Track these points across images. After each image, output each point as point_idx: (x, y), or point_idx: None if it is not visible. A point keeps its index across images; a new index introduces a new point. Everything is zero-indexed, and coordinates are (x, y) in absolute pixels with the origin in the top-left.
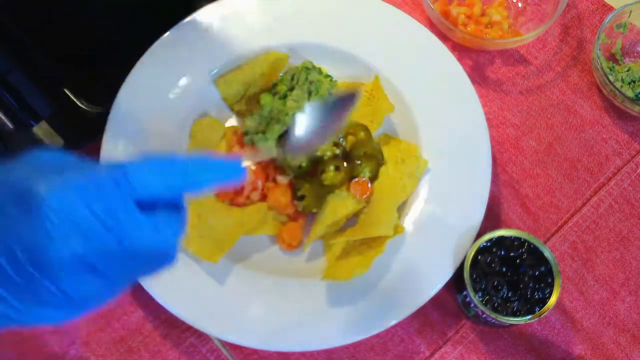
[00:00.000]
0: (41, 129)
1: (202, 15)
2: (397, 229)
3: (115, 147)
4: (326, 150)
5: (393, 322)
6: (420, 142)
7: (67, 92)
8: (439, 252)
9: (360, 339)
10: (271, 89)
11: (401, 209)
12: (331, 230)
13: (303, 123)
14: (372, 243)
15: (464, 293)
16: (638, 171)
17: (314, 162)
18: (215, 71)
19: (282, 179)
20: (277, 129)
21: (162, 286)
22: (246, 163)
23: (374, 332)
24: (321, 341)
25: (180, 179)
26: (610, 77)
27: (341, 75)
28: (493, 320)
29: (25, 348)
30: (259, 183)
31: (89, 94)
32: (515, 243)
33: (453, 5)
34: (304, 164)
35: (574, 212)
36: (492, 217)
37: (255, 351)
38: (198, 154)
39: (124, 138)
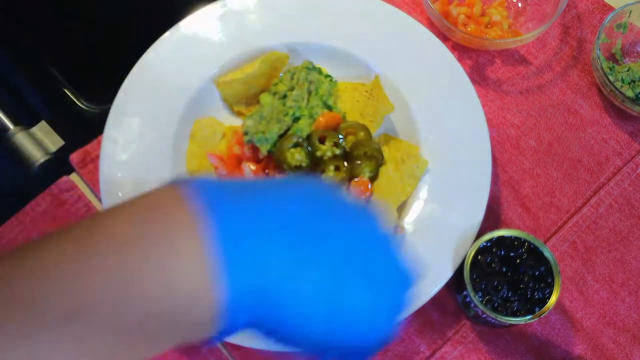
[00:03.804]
0: (41, 129)
1: (202, 15)
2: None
3: (114, 147)
4: (326, 150)
5: None
6: (420, 142)
7: (67, 92)
8: (439, 252)
9: None
10: (271, 89)
11: (401, 209)
12: None
13: None
14: None
15: (464, 293)
16: (638, 171)
17: (314, 162)
18: (215, 71)
19: None
20: (277, 129)
21: None
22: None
23: None
24: None
25: None
26: (610, 77)
27: (341, 75)
28: (493, 320)
29: None
30: None
31: (89, 94)
32: (515, 243)
33: (453, 5)
34: (304, 164)
35: (574, 212)
36: (492, 217)
37: (255, 351)
38: None
39: (124, 138)
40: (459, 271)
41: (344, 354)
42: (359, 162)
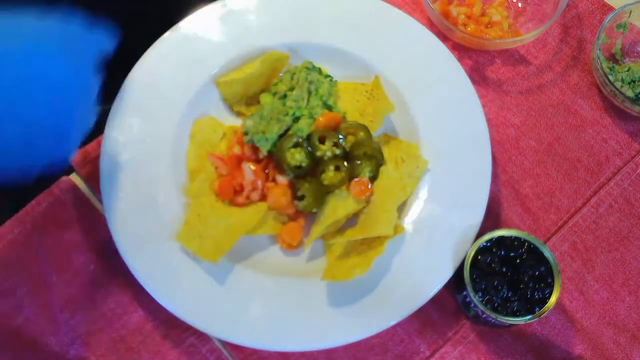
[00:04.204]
0: None
1: (202, 15)
2: (397, 229)
3: (114, 147)
4: (326, 150)
5: (393, 322)
6: (420, 142)
7: None
8: (439, 252)
9: (360, 339)
10: (271, 89)
11: (401, 209)
12: (331, 230)
13: None
14: (372, 243)
15: (464, 293)
16: (638, 171)
17: (314, 162)
18: (215, 71)
19: (282, 179)
20: (277, 129)
21: (162, 286)
22: None
23: (374, 332)
24: (321, 341)
25: None
26: (610, 77)
27: (341, 75)
28: (493, 320)
29: (25, 348)
30: (259, 183)
31: None
32: (515, 243)
33: (453, 5)
34: (304, 164)
35: (574, 212)
36: (492, 217)
37: (255, 351)
38: None
39: (124, 138)
40: (459, 271)
41: None
42: (359, 162)
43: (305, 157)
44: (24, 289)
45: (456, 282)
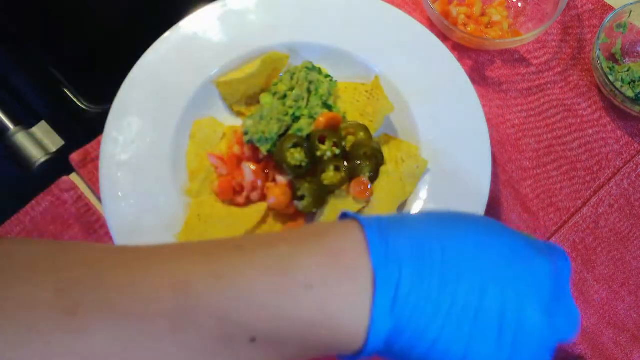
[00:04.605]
0: (41, 129)
1: (202, 15)
2: None
3: (114, 147)
4: (326, 150)
5: None
6: (420, 142)
7: (67, 92)
8: None
9: None
10: (271, 89)
11: (401, 209)
12: None
13: None
14: None
15: None
16: (638, 171)
17: (314, 162)
18: (215, 71)
19: (282, 179)
20: (277, 129)
21: None
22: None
23: None
24: None
25: None
26: (610, 77)
27: (341, 75)
28: None
29: None
30: (259, 183)
31: (89, 94)
32: None
33: (453, 5)
34: (304, 164)
35: (574, 212)
36: (492, 217)
37: None
38: None
39: (124, 138)
40: None
41: None
42: (359, 162)
43: (305, 157)
44: None
45: None
